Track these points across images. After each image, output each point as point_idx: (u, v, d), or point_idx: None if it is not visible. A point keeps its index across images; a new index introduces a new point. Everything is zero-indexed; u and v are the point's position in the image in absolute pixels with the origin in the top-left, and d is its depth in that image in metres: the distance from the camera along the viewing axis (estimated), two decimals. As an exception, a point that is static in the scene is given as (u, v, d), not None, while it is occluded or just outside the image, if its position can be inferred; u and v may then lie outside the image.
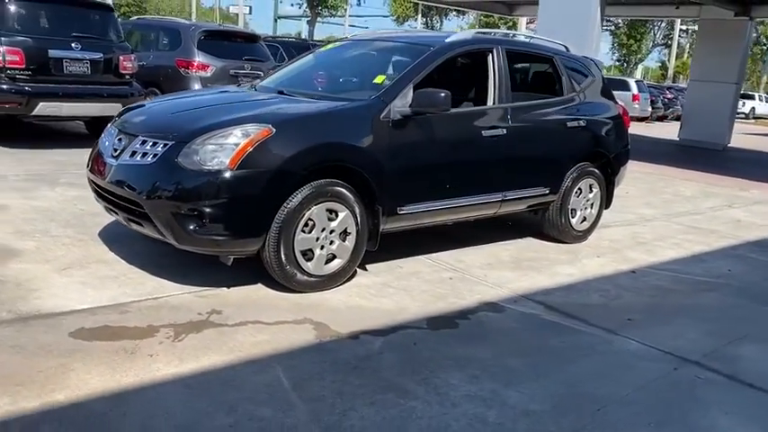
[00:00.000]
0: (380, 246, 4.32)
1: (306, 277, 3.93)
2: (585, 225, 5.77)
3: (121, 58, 8.53)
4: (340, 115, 4.09)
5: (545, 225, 5.58)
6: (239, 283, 4.02)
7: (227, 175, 3.58)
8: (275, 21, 44.81)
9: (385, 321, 3.69)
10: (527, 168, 5.10)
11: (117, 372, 2.88)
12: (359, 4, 40.01)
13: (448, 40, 4.76)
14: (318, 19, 40.66)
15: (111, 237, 4.71)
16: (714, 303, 4.53)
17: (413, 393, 2.91)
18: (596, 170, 5.67)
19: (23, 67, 7.67)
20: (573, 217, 5.61)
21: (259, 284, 4.04)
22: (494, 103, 4.87)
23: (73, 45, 8.04)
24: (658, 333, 3.87)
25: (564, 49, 5.76)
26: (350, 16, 43.62)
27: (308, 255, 3.95)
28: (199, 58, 9.73)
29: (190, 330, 3.36)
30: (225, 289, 3.95)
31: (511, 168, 4.96)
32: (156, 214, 3.64)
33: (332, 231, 4.01)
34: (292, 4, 42.29)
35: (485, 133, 4.69)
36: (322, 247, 3.99)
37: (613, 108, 5.87)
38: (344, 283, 4.19)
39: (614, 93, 17.95)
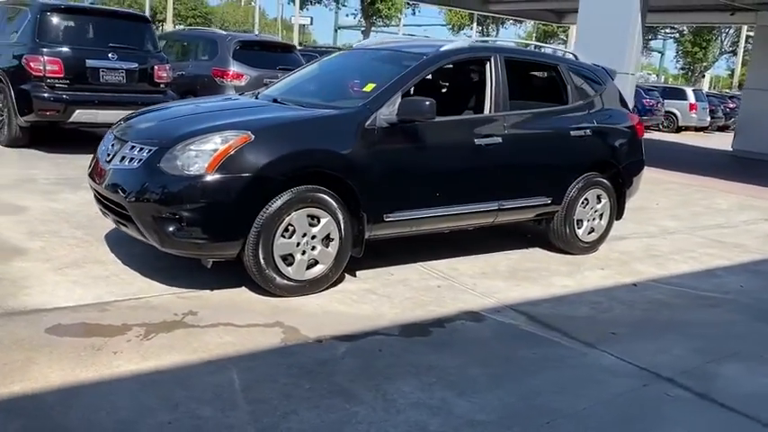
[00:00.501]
0: (375, 252, 4.37)
1: (286, 281, 4.00)
2: (594, 236, 5.65)
3: (156, 67, 8.84)
4: (323, 123, 4.16)
5: (550, 235, 5.50)
6: (224, 286, 4.12)
7: (206, 179, 3.70)
8: (335, 31, 45.49)
9: (358, 327, 3.72)
10: (525, 177, 5.04)
11: (78, 367, 3.01)
12: (413, 14, 40.12)
13: (442, 48, 4.77)
14: (373, 29, 41.05)
15: (115, 239, 4.89)
16: (712, 319, 4.38)
17: (360, 399, 2.93)
18: (605, 180, 5.55)
19: (62, 76, 8.06)
20: (579, 228, 5.51)
21: (243, 288, 4.13)
22: (490, 112, 4.84)
23: (109, 55, 8.39)
24: (640, 348, 3.77)
25: (573, 58, 5.68)
26: (404, 26, 43.84)
27: (289, 260, 4.01)
28: (234, 67, 9.99)
29: (161, 330, 3.47)
30: (208, 291, 4.06)
31: (507, 177, 4.91)
32: (138, 217, 3.79)
33: (313, 237, 4.07)
34: (347, 15, 42.81)
35: (478, 141, 4.67)
36: (303, 253, 4.05)
37: (625, 117, 5.74)
38: (329, 288, 4.24)
39: (671, 102, 17.47)
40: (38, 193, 6.11)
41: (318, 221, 4.07)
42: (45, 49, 8.00)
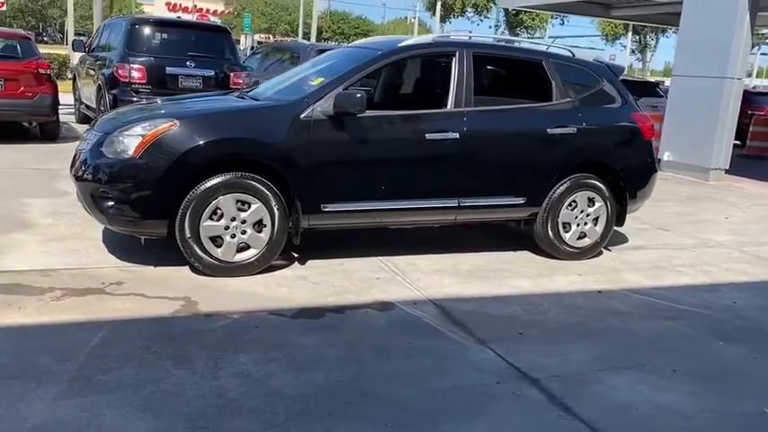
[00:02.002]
0: (339, 243, 4.51)
1: (214, 262, 4.27)
2: (586, 242, 5.34)
3: (232, 74, 9.57)
4: (254, 113, 4.40)
5: (535, 238, 5.29)
6: (170, 264, 4.46)
7: (133, 162, 4.08)
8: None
9: (257, 307, 3.90)
10: (490, 176, 4.91)
11: (-21, 315, 3.48)
12: (562, 24, 38.90)
13: (400, 44, 4.82)
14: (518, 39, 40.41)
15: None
16: (653, 331, 4.02)
17: (189, 365, 3.11)
18: (598, 183, 5.24)
19: (145, 81, 8.99)
20: (566, 231, 5.25)
21: (186, 267, 4.44)
22: (452, 107, 4.80)
23: (188, 63, 9.22)
24: (534, 349, 3.59)
25: (568, 54, 5.43)
26: (549, 37, 42.57)
27: (218, 241, 4.28)
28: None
29: (77, 294, 3.88)
30: (151, 267, 4.43)
31: (467, 175, 4.82)
32: (82, 194, 4.26)
33: (244, 222, 4.30)
34: (490, 27, 42.45)
35: (429, 137, 4.65)
36: (233, 236, 4.30)
37: (625, 117, 5.38)
38: (265, 272, 4.45)
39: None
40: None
41: (249, 207, 4.29)
42: (131, 58, 8.97)
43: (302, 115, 4.35)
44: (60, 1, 23.28)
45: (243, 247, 4.35)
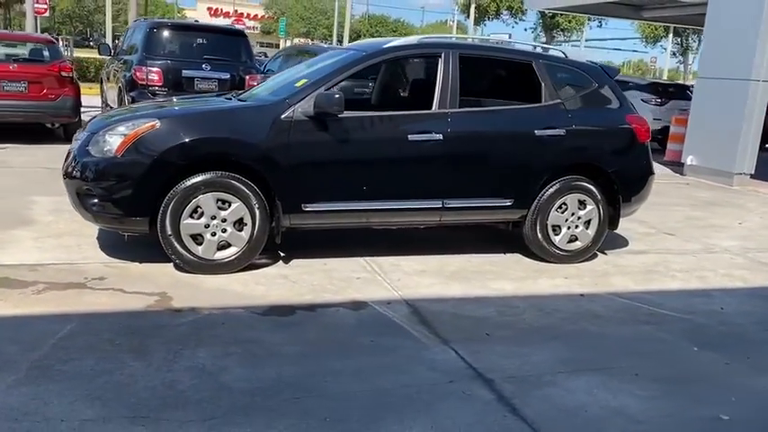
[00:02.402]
0: (327, 244, 4.75)
1: (195, 259, 4.37)
2: (578, 245, 5.29)
3: (247, 77, 9.71)
4: (235, 114, 4.49)
5: (525, 241, 5.26)
6: (156, 261, 4.56)
7: (115, 160, 4.20)
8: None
9: (230, 303, 3.98)
10: (474, 177, 4.90)
11: (-40, 306, 3.63)
12: (599, 26, 38.20)
13: (385, 45, 4.85)
14: (554, 42, 39.96)
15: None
16: (627, 335, 3.97)
17: (147, 357, 3.20)
18: (589, 185, 5.18)
19: (161, 84, 9.20)
20: (556, 234, 5.20)
21: (170, 264, 4.54)
22: (436, 108, 4.81)
23: (203, 66, 9.42)
24: (496, 350, 3.58)
25: (561, 55, 5.39)
26: (586, 40, 42.00)
27: (199, 239, 4.38)
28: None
29: (58, 288, 4.01)
30: (137, 264, 4.55)
31: (451, 176, 4.82)
32: (69, 191, 4.40)
33: (224, 220, 4.39)
34: (525, 29, 42.11)
35: (412, 138, 4.67)
36: (213, 234, 4.39)
37: (619, 119, 5.30)
38: (247, 269, 4.52)
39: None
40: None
41: (229, 206, 4.37)
42: (149, 61, 9.20)
43: (283, 116, 4.42)
44: (105, 7, 23.96)
45: (223, 246, 4.43)
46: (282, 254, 4.93)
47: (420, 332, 3.76)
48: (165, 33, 9.51)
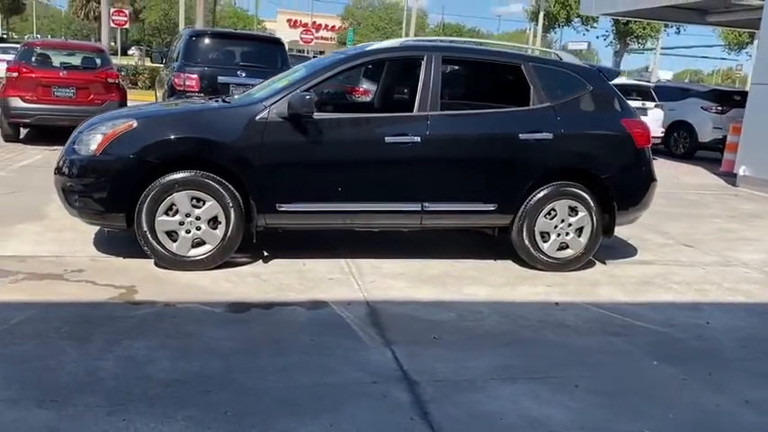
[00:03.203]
0: (314, 244, 4.90)
1: (170, 255, 4.50)
2: (569, 253, 5.12)
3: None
4: (211, 115, 4.61)
5: (514, 247, 5.13)
6: (141, 257, 4.71)
7: (94, 159, 4.40)
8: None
9: (190, 299, 4.07)
10: (455, 181, 4.83)
11: (-63, 292, 3.89)
12: (678, 33, 36.54)
13: (368, 48, 4.87)
14: (628, 50, 38.68)
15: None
16: (587, 346, 3.81)
17: (85, 346, 3.31)
18: (581, 192, 5.01)
19: (198, 90, 9.51)
20: (545, 241, 5.06)
21: (152, 261, 4.69)
22: (418, 111, 4.78)
23: (238, 73, 9.67)
24: (437, 354, 3.52)
25: (554, 58, 5.24)
26: (662, 48, 40.38)
27: (174, 236, 4.51)
28: (363, 85, 10.68)
29: (35, 279, 4.23)
30: (122, 259, 4.74)
31: (431, 179, 4.77)
32: (56, 187, 4.62)
33: (198, 218, 4.50)
34: (597, 37, 40.81)
35: (389, 140, 4.65)
36: (188, 231, 4.51)
37: (614, 123, 5.10)
38: (222, 267, 4.62)
39: None
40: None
41: (204, 204, 4.49)
42: (187, 68, 9.54)
43: (257, 117, 4.50)
44: (188, 19, 25.08)
45: (198, 243, 4.55)
46: (266, 253, 5.00)
47: (367, 333, 3.74)
48: (204, 41, 9.84)
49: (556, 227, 5.05)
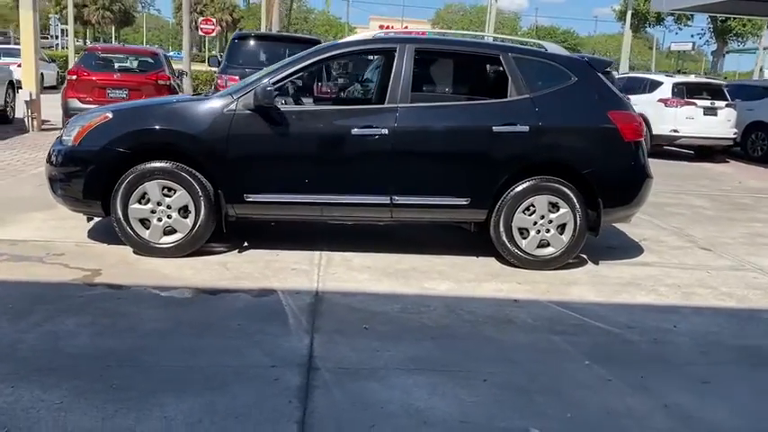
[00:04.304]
0: (298, 236, 4.98)
1: (143, 242, 4.70)
2: (550, 251, 4.93)
3: (320, 84, 10.09)
4: (181, 107, 4.77)
5: (493, 242, 5.00)
6: (124, 244, 4.95)
7: (72, 148, 4.66)
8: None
9: (147, 283, 4.22)
10: (425, 174, 4.76)
11: None
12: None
13: (341, 41, 4.89)
14: (727, 49, 36.36)
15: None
16: (521, 343, 3.66)
17: (21, 321, 3.50)
18: (562, 187, 4.83)
19: (239, 90, 9.83)
20: (524, 238, 4.90)
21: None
22: (388, 103, 4.76)
23: (278, 73, 9.91)
24: (356, 343, 3.50)
25: (539, 49, 5.06)
26: (765, 48, 37.49)
27: (147, 224, 4.70)
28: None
29: (13, 260, 4.52)
30: (105, 245, 4.99)
31: (399, 171, 4.73)
32: (45, 176, 4.93)
33: (169, 207, 4.68)
34: (692, 35, 38.59)
35: (355, 132, 4.65)
36: (159, 220, 4.69)
37: (598, 115, 4.86)
38: (193, 255, 4.76)
39: None
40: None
41: (175, 193, 4.66)
42: (229, 70, 9.90)
43: (225, 109, 4.62)
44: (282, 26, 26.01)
45: (170, 231, 4.72)
46: (246, 244, 5.12)
47: (298, 321, 3.76)
48: (247, 44, 10.18)
49: (535, 223, 4.88)
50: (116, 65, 10.82)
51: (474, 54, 5.07)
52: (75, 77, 10.20)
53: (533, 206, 4.85)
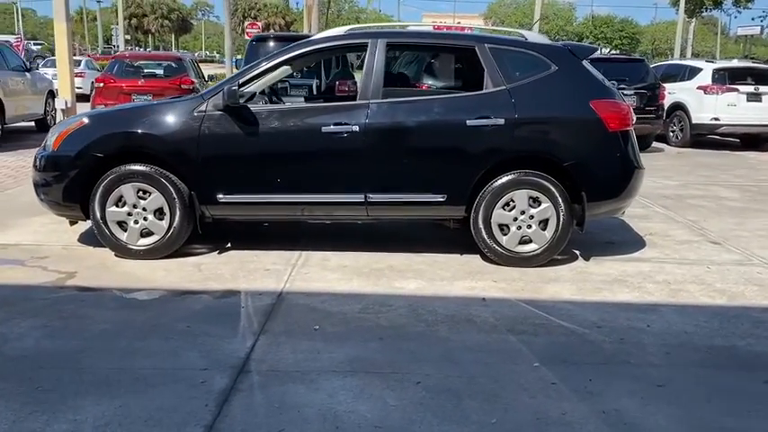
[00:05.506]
0: (282, 238, 4.98)
1: (120, 244, 4.77)
2: (532, 248, 4.75)
3: (337, 83, 10.07)
4: (153, 110, 4.79)
5: (474, 240, 4.86)
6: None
7: (51, 154, 4.77)
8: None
9: (116, 285, 4.28)
10: (398, 170, 4.65)
11: None
12: None
13: (312, 37, 4.83)
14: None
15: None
16: (472, 343, 3.52)
17: (-21, 322, 3.62)
18: (542, 180, 4.65)
19: (257, 92, 9.92)
20: (504, 234, 4.74)
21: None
22: (360, 99, 4.69)
23: (294, 74, 9.90)
24: (299, 344, 3.44)
25: (518, 38, 4.88)
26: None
27: (124, 226, 4.77)
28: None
29: (-3, 264, 4.67)
30: (91, 248, 5.09)
31: (372, 169, 4.65)
32: (32, 181, 5.06)
33: (144, 209, 4.73)
34: (753, 18, 36.65)
35: (325, 129, 4.59)
36: (136, 222, 4.75)
37: (580, 105, 4.65)
38: (171, 257, 4.81)
39: None
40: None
41: (150, 195, 4.71)
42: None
43: (196, 111, 4.64)
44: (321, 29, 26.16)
45: (146, 233, 4.77)
46: (229, 245, 5.13)
47: (249, 322, 3.73)
48: (265, 45, 10.22)
49: (515, 219, 4.71)
50: (141, 71, 11.08)
51: (448, 46, 4.94)
52: (102, 85, 10.51)
53: (513, 201, 4.67)
